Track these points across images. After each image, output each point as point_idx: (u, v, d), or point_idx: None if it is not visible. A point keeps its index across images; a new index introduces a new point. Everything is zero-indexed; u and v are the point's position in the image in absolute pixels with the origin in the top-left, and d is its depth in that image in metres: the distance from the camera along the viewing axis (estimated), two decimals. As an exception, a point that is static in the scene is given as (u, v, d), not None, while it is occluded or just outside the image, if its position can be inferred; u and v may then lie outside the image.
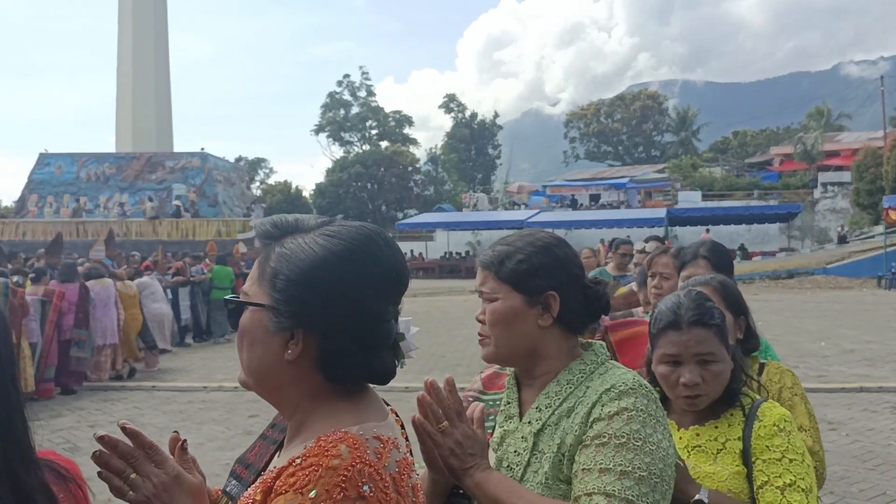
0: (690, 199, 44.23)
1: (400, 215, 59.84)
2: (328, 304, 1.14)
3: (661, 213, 37.53)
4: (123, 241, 28.03)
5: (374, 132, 70.12)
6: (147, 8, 45.45)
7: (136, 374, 11.43)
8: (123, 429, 1.25)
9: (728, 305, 2.39)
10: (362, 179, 62.37)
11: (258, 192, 62.53)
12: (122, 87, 45.67)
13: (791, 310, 18.59)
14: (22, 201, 37.29)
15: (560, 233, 39.97)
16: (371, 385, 1.24)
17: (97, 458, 1.20)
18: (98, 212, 35.46)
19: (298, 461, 1.07)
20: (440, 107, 76.68)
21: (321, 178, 67.31)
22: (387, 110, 71.64)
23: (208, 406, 9.19)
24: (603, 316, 2.71)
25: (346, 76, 71.09)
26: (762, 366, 2.46)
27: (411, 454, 1.27)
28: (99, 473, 1.20)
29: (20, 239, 30.19)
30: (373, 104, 70.69)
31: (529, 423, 1.58)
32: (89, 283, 10.65)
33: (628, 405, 1.47)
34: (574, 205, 48.18)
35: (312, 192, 66.87)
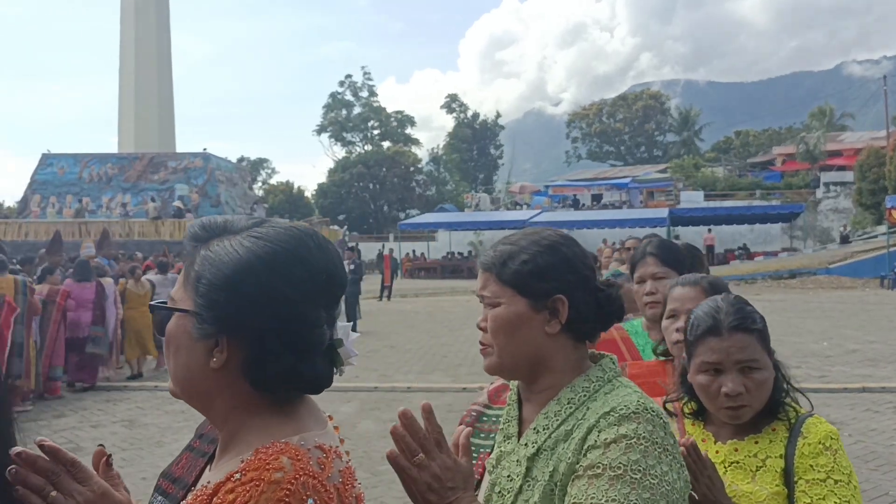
0: (693, 199, 44.18)
1: (402, 215, 59.86)
2: (252, 309, 1.08)
3: (663, 213, 37.49)
4: (126, 241, 28.08)
5: (376, 132, 70.21)
6: (149, 8, 45.51)
7: (144, 375, 11.50)
8: (41, 446, 1.18)
9: None
10: (364, 180, 62.42)
11: (260, 193, 62.56)
12: (125, 88, 45.74)
13: (793, 310, 18.57)
14: (24, 202, 37.35)
15: (562, 233, 40.31)
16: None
17: (13, 475, 1.12)
18: (101, 212, 35.50)
19: (238, 476, 1.02)
20: (442, 107, 76.82)
21: (323, 179, 67.42)
22: (389, 110, 71.76)
23: (211, 406, 9.18)
24: None
25: (349, 76, 71.32)
26: None
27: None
28: (15, 492, 1.12)
29: (23, 239, 30.21)
30: (375, 104, 70.80)
31: (526, 445, 1.45)
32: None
33: (628, 432, 1.33)
34: (576, 205, 48.15)
35: (314, 193, 66.94)
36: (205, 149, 39.51)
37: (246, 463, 1.03)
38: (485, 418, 1.68)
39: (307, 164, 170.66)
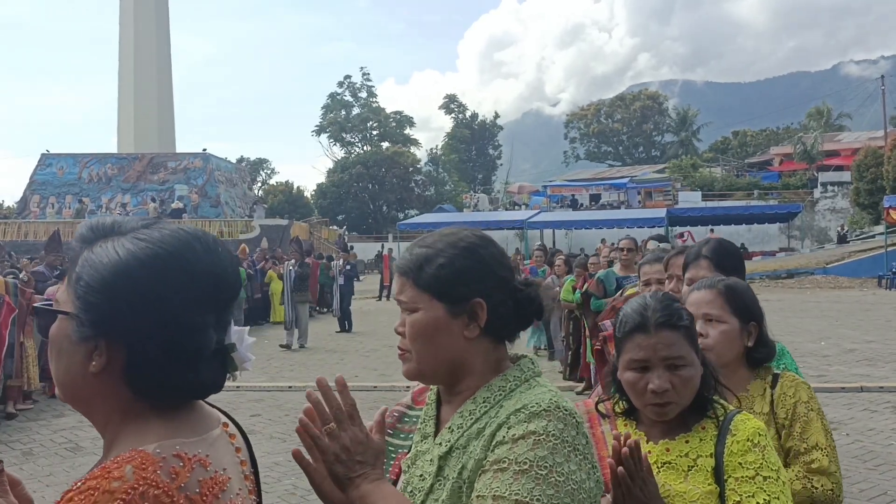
0: (690, 199, 44.23)
1: (401, 216, 59.86)
2: (130, 312, 1.05)
3: (661, 213, 37.50)
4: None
5: (375, 133, 70.21)
6: (148, 9, 45.52)
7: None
8: None
9: (735, 310, 2.23)
10: (363, 180, 62.43)
11: (260, 193, 62.63)
12: (124, 88, 45.75)
13: (791, 309, 18.60)
14: (24, 202, 37.35)
15: (560, 233, 40.32)
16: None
17: None
18: (100, 212, 35.48)
19: (79, 484, 0.98)
20: (441, 107, 76.93)
21: (322, 179, 67.46)
22: (388, 111, 71.75)
23: (210, 406, 9.19)
24: (605, 323, 2.53)
25: (348, 77, 71.30)
26: (776, 377, 2.26)
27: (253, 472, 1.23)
28: None
29: (22, 239, 30.21)
30: (374, 105, 70.79)
31: (440, 444, 1.42)
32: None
33: (537, 428, 1.29)
34: (574, 205, 48.20)
35: (314, 193, 66.97)
36: (204, 149, 39.53)
37: (91, 472, 1.01)
38: (406, 419, 1.62)
39: (307, 165, 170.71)
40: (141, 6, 45.25)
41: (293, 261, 14.80)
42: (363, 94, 70.90)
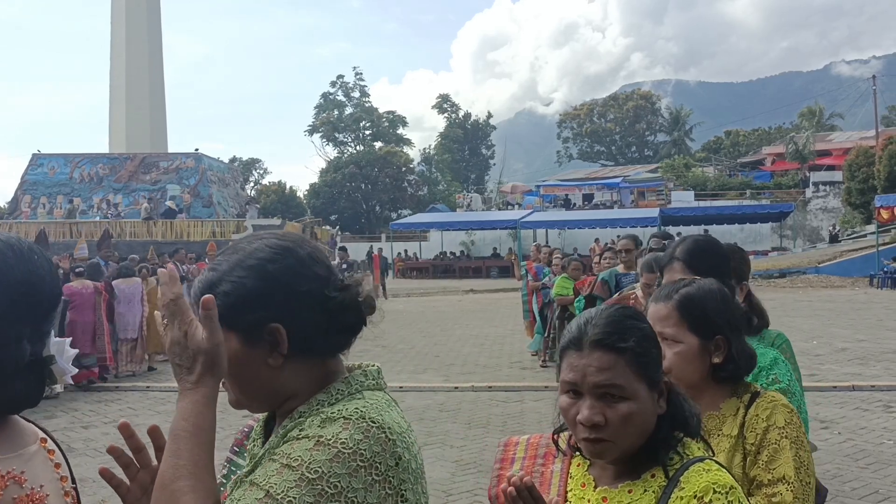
0: (683, 199, 44.37)
1: (394, 215, 59.83)
2: None
3: (654, 212, 37.60)
4: (117, 241, 27.96)
5: (367, 133, 70.14)
6: (140, 8, 45.36)
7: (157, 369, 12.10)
8: None
9: (693, 326, 1.92)
10: (356, 180, 62.40)
11: (252, 193, 62.54)
12: (116, 88, 45.57)
13: (783, 309, 18.64)
14: (15, 202, 37.19)
15: (553, 233, 40.36)
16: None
17: None
18: (92, 212, 35.37)
19: None
20: (434, 107, 76.87)
21: (315, 179, 67.37)
22: (381, 111, 71.71)
23: (202, 407, 9.17)
24: None
25: (340, 77, 71.22)
26: (755, 396, 1.94)
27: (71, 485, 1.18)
28: None
29: (13, 240, 30.09)
30: (367, 105, 70.73)
31: (251, 461, 1.29)
32: (117, 282, 11.67)
33: (326, 433, 1.15)
34: (567, 205, 48.27)
35: (306, 193, 66.92)
36: (197, 149, 39.42)
37: None
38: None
39: (299, 165, 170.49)
40: (133, 6, 45.08)
41: None
42: (356, 94, 70.85)
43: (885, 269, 26.38)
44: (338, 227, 51.40)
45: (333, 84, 70.85)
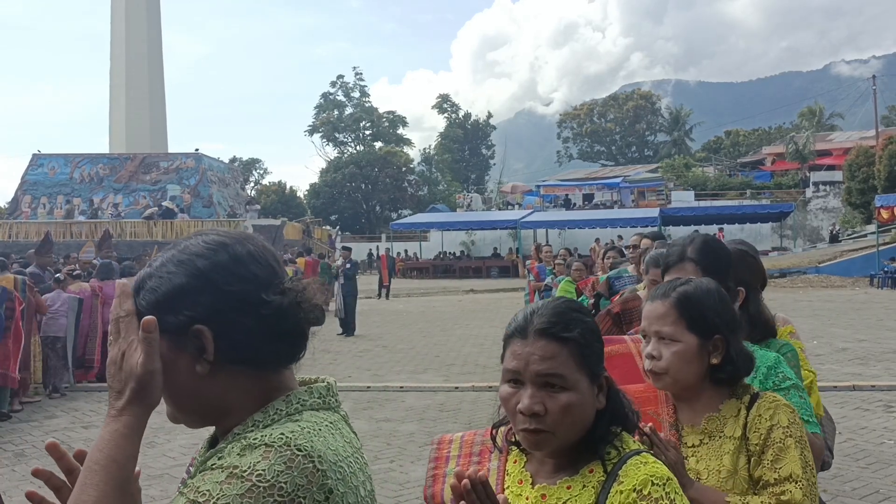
0: (683, 199, 44.40)
1: (394, 216, 59.87)
2: None
3: (654, 212, 37.63)
4: (118, 241, 27.95)
5: (367, 133, 70.18)
6: (140, 8, 45.35)
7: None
8: None
9: (691, 325, 1.89)
10: (356, 180, 62.40)
11: (253, 193, 62.48)
12: (116, 88, 45.55)
13: (783, 309, 18.55)
14: (15, 202, 37.15)
15: (554, 232, 40.38)
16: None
17: None
18: (92, 213, 35.35)
19: None
20: (433, 107, 76.85)
21: (315, 179, 67.42)
22: (381, 111, 71.75)
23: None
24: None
25: (340, 77, 71.27)
26: (755, 397, 1.91)
27: None
28: None
29: (13, 240, 30.07)
30: (366, 105, 70.75)
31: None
32: (102, 283, 11.54)
33: (243, 463, 1.04)
34: (567, 205, 48.28)
35: (307, 193, 66.95)
36: (197, 149, 39.39)
37: None
38: None
39: (299, 165, 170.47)
40: (133, 6, 45.08)
41: None
42: (356, 94, 70.89)
43: (886, 269, 26.38)
44: (338, 227, 51.40)
45: (333, 84, 70.94)
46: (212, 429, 1.23)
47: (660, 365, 1.88)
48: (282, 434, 1.07)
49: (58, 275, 10.95)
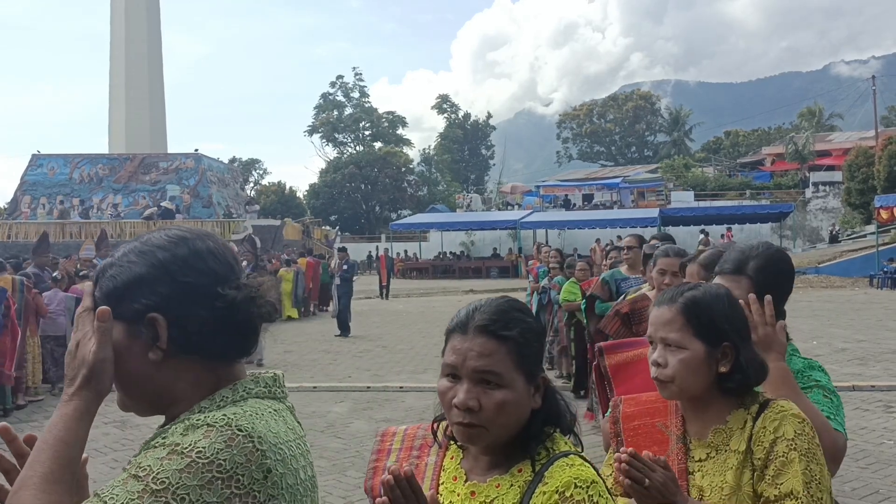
0: (683, 199, 44.38)
1: (394, 216, 59.83)
2: None
3: (653, 213, 37.62)
4: (117, 242, 27.96)
5: (367, 133, 70.18)
6: (140, 8, 45.34)
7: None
8: None
9: (698, 332, 1.81)
10: (356, 180, 62.39)
11: (252, 193, 62.53)
12: (115, 88, 45.54)
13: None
14: (15, 203, 37.15)
15: (553, 233, 40.38)
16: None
17: None
18: (91, 213, 35.35)
19: None
20: (433, 107, 76.85)
21: (315, 179, 67.40)
22: (381, 111, 71.75)
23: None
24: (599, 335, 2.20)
25: (340, 77, 71.21)
26: (764, 406, 1.81)
27: None
28: None
29: (12, 240, 30.07)
30: (366, 105, 70.74)
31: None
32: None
33: (184, 441, 1.08)
34: (567, 205, 48.28)
35: (306, 193, 66.97)
36: (196, 149, 39.39)
37: None
38: None
39: (299, 165, 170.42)
40: (132, 6, 45.06)
41: (245, 262, 12.87)
42: (356, 94, 70.87)
43: (885, 270, 26.39)
44: (338, 227, 51.41)
45: (333, 84, 70.91)
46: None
47: (665, 373, 1.81)
48: (224, 415, 1.12)
49: (55, 274, 10.94)
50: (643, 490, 1.64)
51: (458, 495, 1.48)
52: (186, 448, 1.07)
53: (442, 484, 1.53)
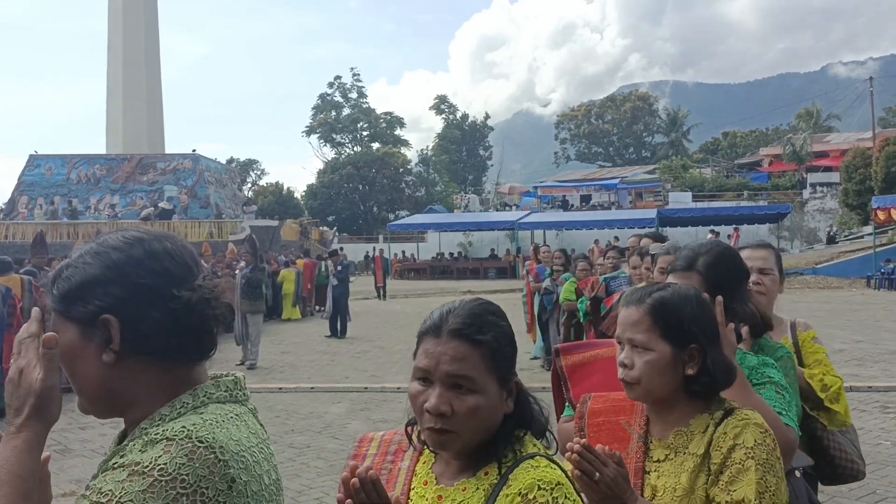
0: (681, 200, 44.39)
1: (391, 216, 59.80)
2: None
3: (651, 213, 37.63)
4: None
5: (365, 134, 70.14)
6: (138, 8, 45.29)
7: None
8: None
9: (665, 333, 1.79)
10: (354, 181, 62.35)
11: (250, 194, 62.51)
12: (113, 89, 45.48)
13: (780, 310, 18.57)
14: (12, 203, 37.11)
15: (551, 233, 40.40)
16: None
17: None
18: (89, 213, 35.33)
19: None
20: (431, 108, 76.86)
21: (313, 180, 67.33)
22: (379, 111, 71.72)
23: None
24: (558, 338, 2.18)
25: (338, 78, 71.15)
26: (729, 412, 1.79)
27: None
28: None
29: (10, 241, 30.04)
30: (364, 106, 70.71)
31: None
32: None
33: (144, 459, 1.06)
34: (565, 206, 48.29)
35: (304, 194, 66.91)
36: (194, 150, 39.38)
37: None
38: None
39: (297, 166, 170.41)
40: (130, 6, 45.01)
41: (243, 263, 12.75)
42: (353, 95, 70.82)
43: (882, 270, 26.43)
44: (335, 228, 51.39)
45: (331, 85, 70.84)
46: (121, 425, 1.26)
47: (631, 374, 1.80)
48: (183, 427, 1.10)
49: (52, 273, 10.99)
50: (592, 483, 1.60)
51: (427, 500, 1.47)
52: (147, 467, 1.06)
53: (413, 489, 1.53)
